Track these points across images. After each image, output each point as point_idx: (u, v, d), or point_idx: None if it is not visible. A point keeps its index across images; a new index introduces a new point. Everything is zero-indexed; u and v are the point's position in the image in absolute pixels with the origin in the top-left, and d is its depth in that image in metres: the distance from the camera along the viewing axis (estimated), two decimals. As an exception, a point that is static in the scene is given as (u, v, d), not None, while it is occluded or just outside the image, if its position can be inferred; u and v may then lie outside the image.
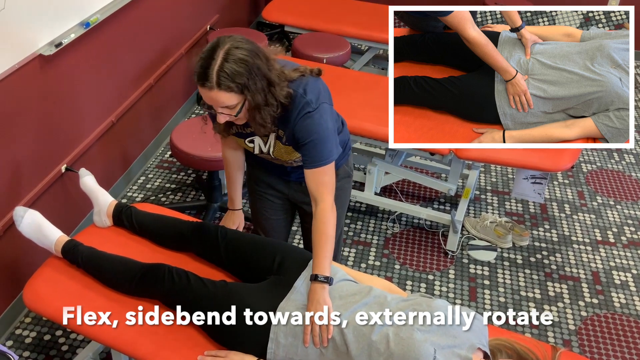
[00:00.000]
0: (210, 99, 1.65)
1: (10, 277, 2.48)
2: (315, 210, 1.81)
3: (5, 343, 2.46)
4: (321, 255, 1.76)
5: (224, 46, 1.62)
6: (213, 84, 1.61)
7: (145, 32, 3.32)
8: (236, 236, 1.99)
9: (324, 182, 1.82)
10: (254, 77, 1.63)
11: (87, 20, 2.65)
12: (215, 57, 1.61)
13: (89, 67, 2.82)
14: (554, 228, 3.28)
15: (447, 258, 3.04)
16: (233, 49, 1.62)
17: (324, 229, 1.78)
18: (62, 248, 2.02)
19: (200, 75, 1.62)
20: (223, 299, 1.75)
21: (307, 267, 1.84)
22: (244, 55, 1.63)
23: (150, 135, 3.58)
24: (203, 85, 1.63)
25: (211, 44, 1.64)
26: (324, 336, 1.66)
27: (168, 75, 3.64)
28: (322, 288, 1.71)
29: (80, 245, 2.01)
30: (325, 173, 1.82)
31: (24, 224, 2.04)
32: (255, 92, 1.64)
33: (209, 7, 4.18)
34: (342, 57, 3.75)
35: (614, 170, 3.79)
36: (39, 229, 2.05)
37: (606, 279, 2.97)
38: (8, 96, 2.29)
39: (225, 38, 1.65)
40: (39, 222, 2.06)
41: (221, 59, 1.60)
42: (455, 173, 3.06)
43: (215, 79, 1.60)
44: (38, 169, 2.56)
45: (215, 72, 1.60)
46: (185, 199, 3.33)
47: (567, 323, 2.72)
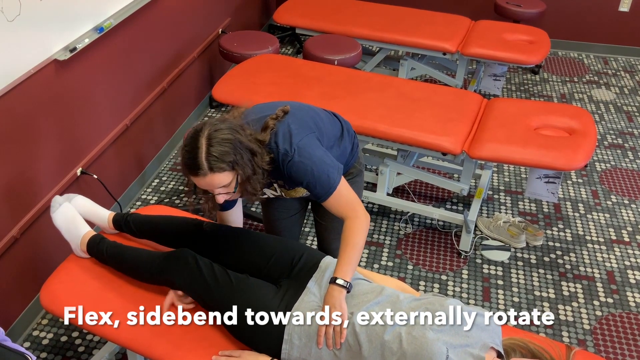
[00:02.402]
0: (206, 184, 1.70)
1: (27, 279, 2.51)
2: (345, 222, 1.84)
3: (23, 344, 2.49)
4: (345, 261, 1.77)
5: (204, 133, 1.67)
6: (205, 170, 1.65)
7: (158, 36, 3.35)
8: (254, 237, 2.00)
9: (343, 203, 1.84)
10: (240, 151, 1.68)
11: (100, 25, 2.68)
12: (199, 145, 1.65)
13: (103, 72, 2.85)
14: (568, 228, 3.27)
15: (460, 258, 3.04)
16: (213, 132, 1.67)
17: (354, 236, 1.79)
18: (88, 241, 2.05)
19: (190, 166, 1.67)
20: (242, 296, 1.76)
21: (319, 268, 1.85)
22: (225, 135, 1.67)
23: (164, 138, 3.62)
24: (197, 174, 1.67)
25: (190, 135, 1.69)
26: (337, 339, 1.67)
27: (181, 79, 3.67)
28: (340, 292, 1.72)
29: (106, 239, 2.05)
30: (340, 195, 1.83)
31: (59, 211, 2.08)
32: (244, 165, 1.69)
33: (220, 10, 4.21)
34: (354, 59, 3.76)
35: (628, 169, 3.77)
36: (73, 220, 2.08)
37: (621, 279, 2.95)
38: (24, 101, 2.33)
39: (201, 126, 1.70)
40: (74, 214, 2.10)
41: (206, 145, 1.65)
42: (468, 173, 3.05)
43: (207, 164, 1.64)
44: (53, 172, 2.59)
45: (204, 158, 1.64)
46: (198, 201, 3.34)
47: (581, 323, 2.71)
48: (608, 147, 3.97)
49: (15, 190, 2.36)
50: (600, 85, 4.77)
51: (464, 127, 2.90)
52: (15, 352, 1.29)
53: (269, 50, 3.72)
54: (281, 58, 3.53)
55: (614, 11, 5.10)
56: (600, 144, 4.00)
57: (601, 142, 4.03)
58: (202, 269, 1.83)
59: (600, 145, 3.99)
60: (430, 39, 3.94)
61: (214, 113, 4.13)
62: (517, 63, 3.87)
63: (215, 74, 4.18)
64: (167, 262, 1.89)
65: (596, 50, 5.28)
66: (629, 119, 4.32)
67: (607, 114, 4.37)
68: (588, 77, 4.89)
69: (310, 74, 3.24)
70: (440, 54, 3.97)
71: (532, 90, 4.67)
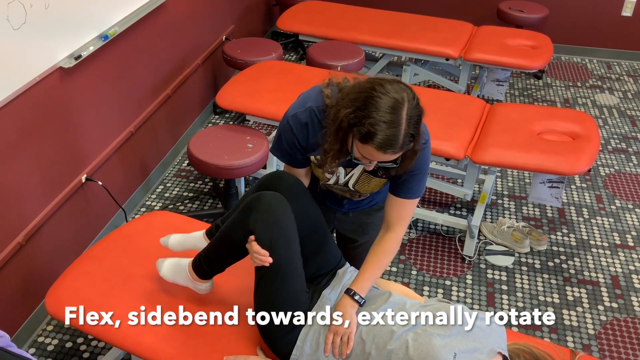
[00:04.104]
0: (381, 157, 1.58)
1: (32, 285, 2.52)
2: (384, 236, 1.82)
3: (28, 350, 2.50)
4: (366, 276, 1.76)
5: (404, 105, 1.53)
6: (397, 149, 1.55)
7: (163, 43, 3.37)
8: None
9: (405, 215, 1.82)
10: (419, 127, 1.59)
11: (105, 33, 2.70)
12: (400, 121, 1.52)
13: (108, 79, 2.87)
14: (572, 232, 3.26)
15: (464, 263, 3.04)
16: (412, 108, 1.54)
17: (386, 255, 1.79)
18: (193, 269, 1.89)
19: (387, 144, 1.52)
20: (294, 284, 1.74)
21: (335, 276, 1.86)
22: (418, 111, 1.56)
23: (168, 145, 3.63)
24: (385, 151, 1.55)
25: (389, 104, 1.52)
26: (344, 350, 1.69)
27: (185, 86, 3.69)
28: (353, 306, 1.73)
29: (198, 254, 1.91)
30: (412, 206, 1.81)
31: (163, 272, 1.94)
32: (418, 140, 1.60)
33: (224, 18, 4.23)
34: (357, 65, 3.77)
35: (632, 173, 3.76)
36: (176, 268, 1.93)
37: (626, 283, 2.94)
38: (29, 108, 2.34)
39: (401, 92, 1.54)
40: (174, 263, 1.94)
41: (405, 123, 1.52)
42: (471, 178, 3.05)
43: (401, 144, 1.54)
44: (59, 179, 2.61)
45: (402, 138, 1.53)
46: (202, 207, 3.36)
47: (586, 327, 2.70)
48: (612, 152, 3.97)
49: (20, 196, 2.37)
50: (604, 90, 4.76)
51: (467, 132, 2.90)
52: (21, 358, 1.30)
53: (272, 57, 3.74)
54: (285, 64, 3.54)
55: (617, 16, 5.10)
56: (604, 149, 4.00)
57: (605, 146, 4.03)
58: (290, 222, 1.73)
59: (604, 150, 3.99)
60: (433, 44, 3.95)
61: (218, 119, 4.15)
62: (520, 68, 3.87)
63: (219, 80, 4.20)
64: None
65: (599, 55, 5.28)
66: (633, 123, 4.31)
67: (610, 118, 4.37)
68: (591, 82, 4.89)
69: (313, 80, 3.23)
70: (443, 60, 3.97)
71: (535, 95, 4.67)
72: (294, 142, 1.77)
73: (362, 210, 2.03)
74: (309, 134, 1.74)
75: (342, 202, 2.00)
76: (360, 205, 2.01)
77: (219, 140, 2.96)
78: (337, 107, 1.61)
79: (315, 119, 1.72)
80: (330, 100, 1.68)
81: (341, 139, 1.62)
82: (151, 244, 2.18)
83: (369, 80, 1.60)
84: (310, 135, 1.74)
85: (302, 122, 1.73)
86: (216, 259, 1.85)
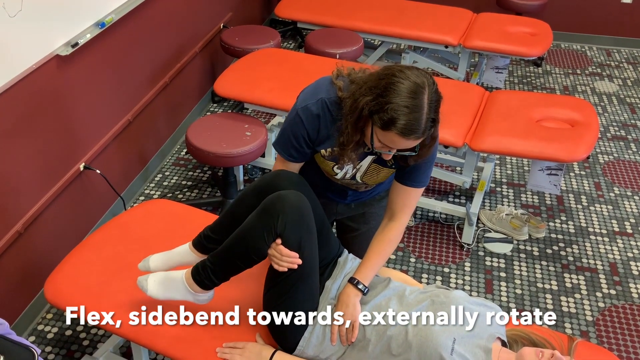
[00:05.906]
0: (403, 144, 1.56)
1: (31, 274, 2.52)
2: (387, 224, 1.81)
3: (28, 338, 2.51)
4: (370, 265, 1.77)
5: (425, 90, 1.51)
6: (420, 134, 1.53)
7: (160, 31, 3.35)
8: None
9: (410, 204, 1.80)
10: (438, 113, 1.57)
11: (102, 21, 2.69)
12: (422, 105, 1.50)
13: (105, 67, 2.86)
14: (570, 220, 3.27)
15: (462, 251, 3.04)
16: (432, 93, 1.53)
17: (387, 245, 1.79)
18: (192, 279, 1.76)
19: (409, 129, 1.50)
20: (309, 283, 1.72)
21: (337, 265, 1.86)
22: (438, 96, 1.55)
23: (166, 133, 3.62)
24: (408, 137, 1.52)
25: (410, 89, 1.50)
26: (349, 337, 1.70)
27: (183, 74, 3.68)
28: (356, 295, 1.73)
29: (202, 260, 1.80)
30: (417, 195, 1.81)
31: (150, 290, 1.79)
32: (437, 126, 1.59)
33: (222, 5, 4.21)
34: (355, 52, 3.76)
35: (631, 160, 3.76)
36: (164, 282, 1.79)
37: (624, 270, 2.95)
38: (26, 96, 2.34)
39: (421, 77, 1.52)
40: (162, 277, 1.81)
41: (427, 107, 1.51)
42: (470, 166, 3.05)
43: (423, 129, 1.52)
44: (57, 167, 2.60)
45: (424, 123, 1.51)
46: (201, 195, 3.36)
47: (584, 314, 2.71)
48: (611, 139, 3.96)
49: (18, 185, 2.37)
50: (603, 77, 4.75)
51: (466, 120, 2.90)
52: (20, 346, 1.30)
53: (270, 45, 3.72)
54: (283, 52, 3.53)
55: (617, 3, 5.08)
56: (603, 136, 4.00)
57: (604, 134, 4.02)
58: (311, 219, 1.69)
59: (603, 137, 3.98)
60: (432, 32, 3.94)
61: (216, 108, 4.13)
62: (520, 55, 3.86)
63: (217, 68, 4.18)
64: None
65: (599, 42, 5.26)
66: (632, 110, 4.31)
67: (610, 105, 4.36)
68: (591, 69, 4.87)
69: (312, 68, 3.23)
70: (442, 47, 3.96)
71: (535, 83, 4.66)
72: (302, 135, 1.73)
73: (364, 201, 2.03)
74: (320, 126, 1.71)
75: (346, 194, 1.98)
76: (363, 196, 2.00)
77: (217, 129, 2.96)
78: (354, 97, 1.58)
79: (327, 111, 1.69)
80: (342, 92, 1.66)
81: (360, 130, 1.60)
82: (150, 232, 2.18)
83: (386, 67, 1.58)
84: (322, 128, 1.71)
85: (314, 113, 1.69)
86: (229, 269, 1.73)
